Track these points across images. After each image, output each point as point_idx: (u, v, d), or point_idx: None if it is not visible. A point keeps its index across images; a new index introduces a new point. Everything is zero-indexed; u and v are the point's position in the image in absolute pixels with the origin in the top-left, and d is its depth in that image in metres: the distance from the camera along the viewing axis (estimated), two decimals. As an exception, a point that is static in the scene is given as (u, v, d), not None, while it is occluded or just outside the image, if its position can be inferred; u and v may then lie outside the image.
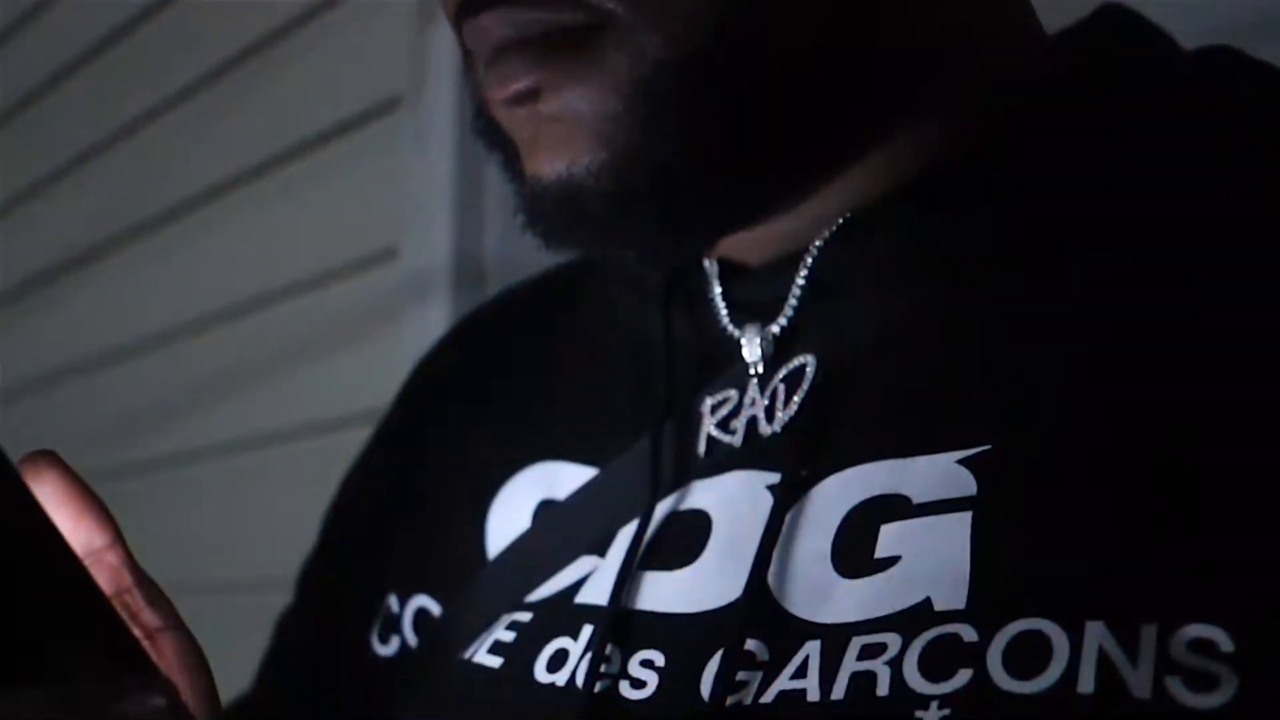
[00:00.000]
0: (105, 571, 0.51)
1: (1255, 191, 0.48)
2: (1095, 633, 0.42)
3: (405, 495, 0.65)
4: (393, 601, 0.62)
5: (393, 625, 0.61)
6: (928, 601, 0.45)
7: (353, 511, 0.70)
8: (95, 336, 1.77)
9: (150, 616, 0.51)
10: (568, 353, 0.62)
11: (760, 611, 0.48)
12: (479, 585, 0.57)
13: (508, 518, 0.59)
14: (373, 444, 0.71)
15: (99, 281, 1.79)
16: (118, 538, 0.51)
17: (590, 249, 0.52)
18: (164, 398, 1.64)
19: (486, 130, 0.54)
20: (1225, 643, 0.41)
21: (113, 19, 1.72)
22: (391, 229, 1.29)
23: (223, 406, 1.54)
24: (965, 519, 0.46)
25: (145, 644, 0.50)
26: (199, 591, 1.50)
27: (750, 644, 0.47)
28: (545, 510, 0.58)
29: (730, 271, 0.55)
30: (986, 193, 0.51)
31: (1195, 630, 0.41)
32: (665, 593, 0.51)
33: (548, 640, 0.52)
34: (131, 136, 1.71)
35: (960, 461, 0.47)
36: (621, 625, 0.50)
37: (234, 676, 0.70)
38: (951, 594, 0.44)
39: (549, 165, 0.50)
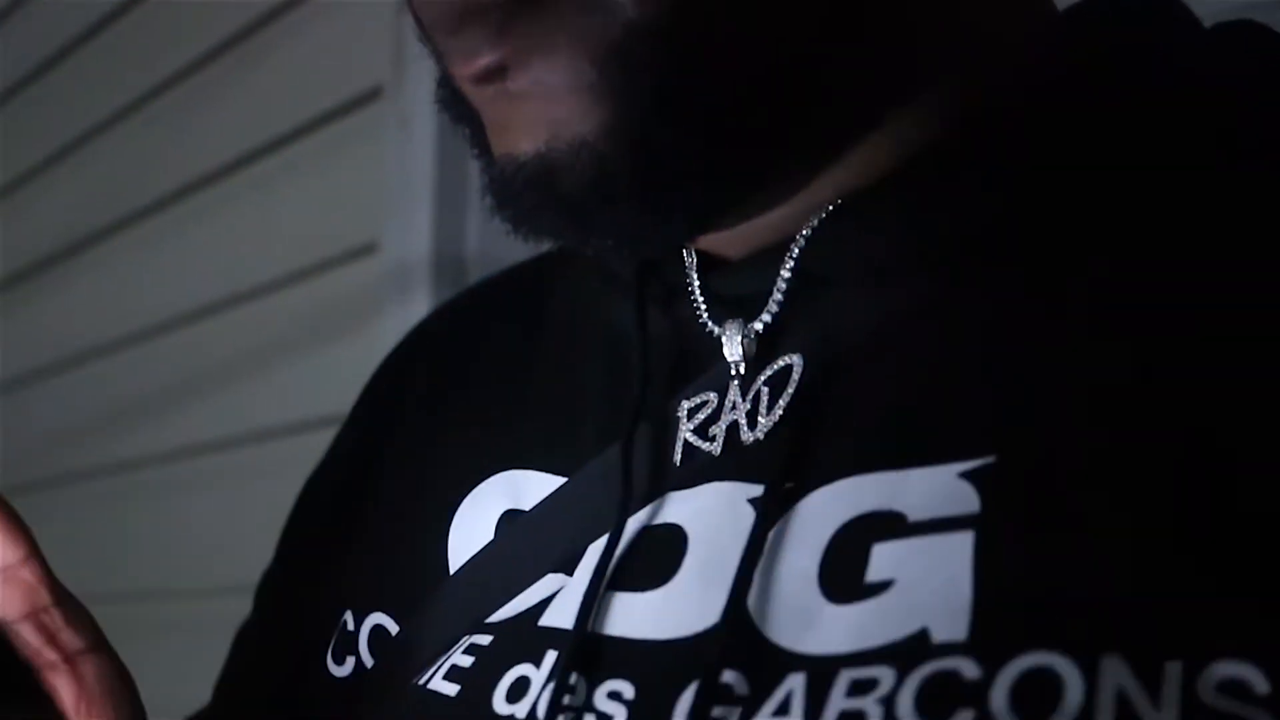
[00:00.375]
0: (19, 589, 0.49)
1: (1266, 186, 0.45)
2: (1113, 669, 0.38)
3: (364, 505, 0.62)
4: (349, 619, 0.59)
5: (348, 644, 0.58)
6: (924, 632, 0.42)
7: (311, 522, 0.67)
8: (69, 336, 1.78)
9: (69, 638, 0.49)
10: (536, 352, 0.60)
11: (739, 639, 0.45)
12: (437, 603, 0.55)
13: (470, 531, 0.56)
14: (333, 451, 0.69)
15: (71, 282, 1.79)
16: (33, 552, 0.49)
17: (565, 234, 0.49)
18: (135, 398, 1.64)
19: (452, 102, 0.51)
20: (1260, 683, 0.37)
21: (88, 15, 1.71)
22: (371, 222, 1.28)
23: (196, 407, 1.54)
24: (967, 539, 0.42)
25: (64, 668, 0.49)
26: (176, 597, 1.49)
27: (727, 676, 0.44)
28: (509, 523, 0.55)
29: (710, 263, 0.53)
30: (987, 181, 0.48)
31: (1226, 669, 0.38)
32: (636, 617, 0.48)
33: (508, 667, 0.50)
34: (100, 136, 1.71)
35: (962, 475, 0.44)
36: (588, 652, 0.48)
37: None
38: (951, 624, 0.41)
39: (525, 144, 0.47)
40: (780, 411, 0.49)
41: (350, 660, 0.58)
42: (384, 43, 1.29)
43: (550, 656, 0.49)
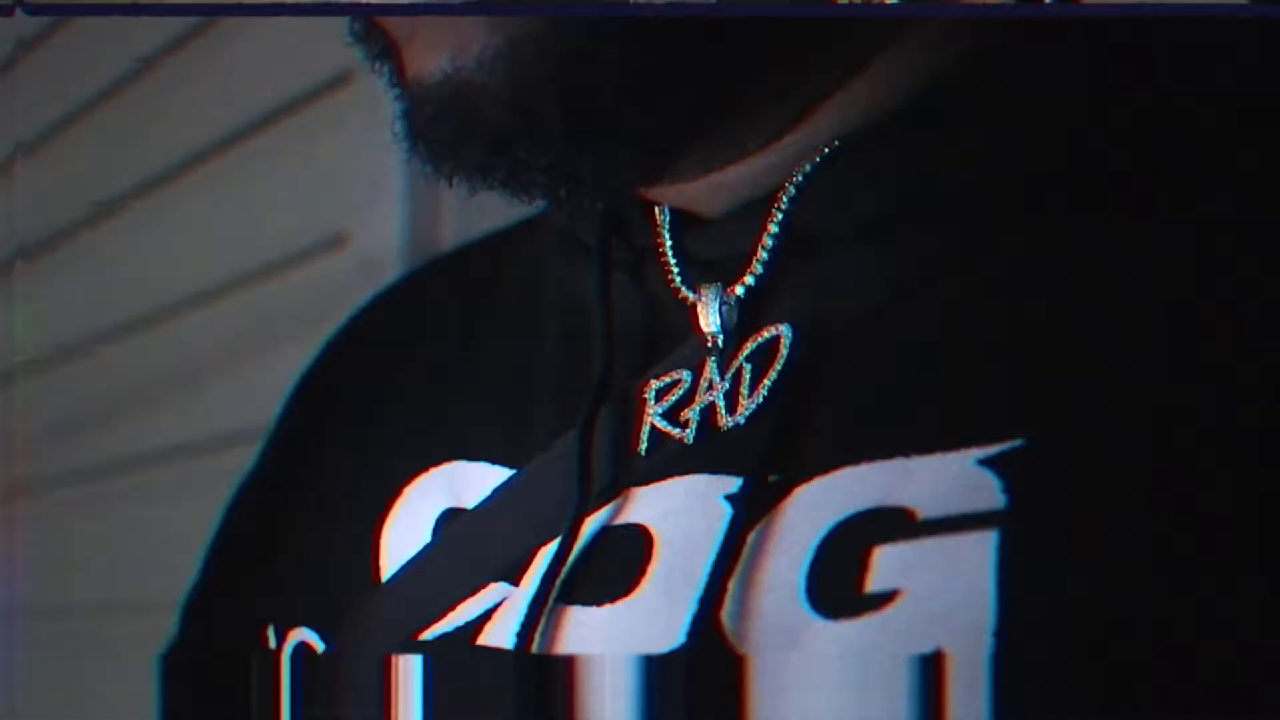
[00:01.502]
0: None
1: None
2: None
3: (291, 509, 0.59)
4: (270, 636, 0.55)
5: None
6: (938, 655, 0.38)
7: (235, 533, 0.64)
8: (21, 343, 1.77)
9: None
10: (486, 329, 0.56)
11: (711, 662, 0.41)
12: (365, 618, 0.51)
13: (406, 532, 0.53)
14: (262, 454, 0.65)
15: (20, 287, 1.79)
16: None
17: (489, 169, 0.45)
18: (94, 403, 1.62)
19: (366, 34, 0.47)
20: None
21: (28, 21, 1.70)
22: (340, 214, 1.26)
23: (158, 411, 1.52)
24: (989, 540, 0.39)
25: None
26: (137, 610, 1.45)
27: None
28: (450, 523, 0.51)
29: (686, 222, 0.49)
30: (1003, 120, 0.45)
31: None
32: (590, 635, 0.45)
33: None
34: (47, 138, 1.70)
35: (983, 462, 0.40)
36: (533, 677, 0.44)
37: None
38: (972, 644, 0.38)
39: (431, 59, 0.43)
40: (765, 392, 0.45)
41: (272, 683, 0.54)
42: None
43: None
